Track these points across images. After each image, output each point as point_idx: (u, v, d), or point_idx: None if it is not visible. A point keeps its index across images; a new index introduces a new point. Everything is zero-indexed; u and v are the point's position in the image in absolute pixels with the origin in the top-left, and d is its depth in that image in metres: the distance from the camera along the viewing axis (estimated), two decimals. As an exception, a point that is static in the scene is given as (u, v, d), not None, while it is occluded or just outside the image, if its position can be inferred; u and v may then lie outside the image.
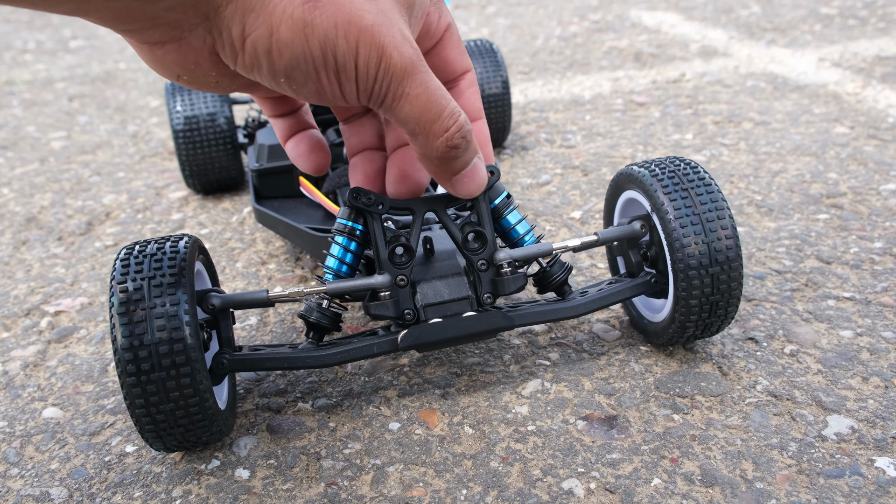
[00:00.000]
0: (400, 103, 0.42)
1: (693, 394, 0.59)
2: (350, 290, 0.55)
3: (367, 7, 0.39)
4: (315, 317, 0.56)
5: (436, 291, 0.56)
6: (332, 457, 0.55)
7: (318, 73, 0.39)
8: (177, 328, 0.49)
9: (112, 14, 0.36)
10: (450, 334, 0.55)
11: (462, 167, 0.47)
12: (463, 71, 0.50)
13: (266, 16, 0.37)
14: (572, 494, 0.50)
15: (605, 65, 1.52)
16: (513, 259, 0.56)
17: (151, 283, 0.50)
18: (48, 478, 0.56)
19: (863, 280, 0.72)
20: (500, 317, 0.56)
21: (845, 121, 1.12)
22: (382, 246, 0.54)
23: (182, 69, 0.40)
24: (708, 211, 0.55)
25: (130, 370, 0.49)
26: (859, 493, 0.48)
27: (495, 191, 0.57)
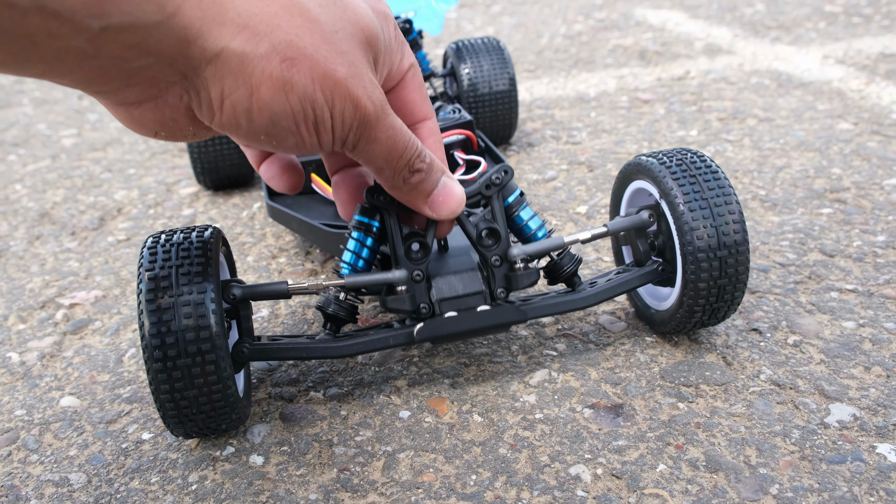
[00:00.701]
0: (370, 146, 0.45)
1: (697, 383, 0.60)
2: (368, 283, 0.56)
3: (339, 60, 0.40)
4: (332, 308, 0.57)
5: (450, 286, 0.58)
6: (344, 444, 0.57)
7: (298, 127, 0.41)
8: (203, 316, 0.50)
9: (87, 75, 0.36)
10: (464, 327, 0.56)
11: (431, 188, 0.50)
12: (422, 118, 0.52)
13: (245, 77, 0.38)
14: (580, 480, 0.51)
15: (610, 62, 1.53)
16: (526, 255, 0.57)
17: (179, 271, 0.51)
18: (67, 464, 0.57)
19: (865, 273, 0.73)
20: (513, 310, 0.57)
21: (849, 117, 1.13)
22: (399, 242, 0.56)
23: (160, 126, 0.41)
24: (715, 196, 0.57)
25: (157, 356, 0.50)
26: (861, 478, 0.49)
27: (509, 189, 0.58)
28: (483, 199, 0.57)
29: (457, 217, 0.54)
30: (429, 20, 1.07)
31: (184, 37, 0.36)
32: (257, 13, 0.38)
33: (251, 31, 0.37)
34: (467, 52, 1.06)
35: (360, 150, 0.45)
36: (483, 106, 1.04)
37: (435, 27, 1.06)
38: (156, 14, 0.34)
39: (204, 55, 0.37)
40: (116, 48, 0.35)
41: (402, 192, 0.50)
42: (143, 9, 0.34)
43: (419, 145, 0.47)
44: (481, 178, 0.57)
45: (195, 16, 0.36)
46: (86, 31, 0.33)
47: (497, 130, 1.07)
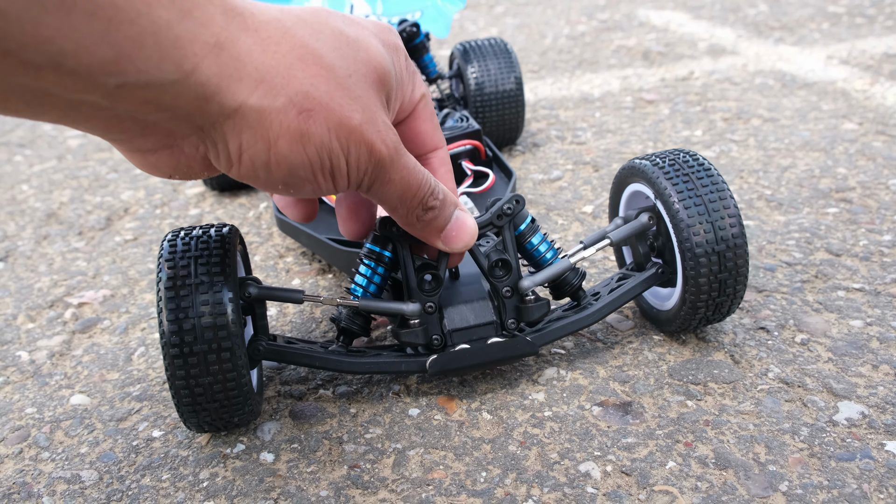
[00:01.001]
0: (385, 188, 0.45)
1: (706, 381, 0.60)
2: (381, 311, 0.57)
3: (354, 107, 0.41)
4: (346, 322, 0.58)
5: (462, 317, 0.58)
6: (354, 441, 0.57)
7: (315, 176, 0.42)
8: (220, 303, 0.51)
9: (102, 124, 0.36)
10: (476, 361, 0.57)
11: (444, 223, 0.51)
12: (433, 147, 0.52)
13: (263, 131, 0.38)
14: (589, 477, 0.52)
15: (613, 63, 1.53)
16: (536, 285, 0.58)
17: (199, 261, 0.52)
18: (78, 461, 0.58)
19: (872, 272, 0.73)
20: (524, 344, 0.58)
21: (854, 117, 1.13)
22: (412, 274, 0.57)
23: (174, 171, 0.42)
24: (710, 192, 0.57)
25: (174, 341, 0.51)
26: (870, 475, 0.50)
27: (520, 217, 0.59)
28: (494, 229, 0.58)
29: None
30: (435, 22, 1.07)
31: (202, 94, 0.36)
32: (274, 65, 0.38)
33: (268, 84, 0.38)
34: (474, 54, 1.06)
35: (375, 192, 0.45)
36: (490, 107, 1.04)
37: (442, 29, 1.06)
38: (173, 73, 0.34)
39: (222, 111, 0.37)
40: (132, 103, 0.35)
41: (415, 229, 0.50)
42: (160, 68, 0.34)
43: (432, 182, 0.48)
44: (493, 207, 0.58)
45: (213, 72, 0.36)
46: (101, 87, 0.33)
47: (504, 132, 1.07)
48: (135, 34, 0.32)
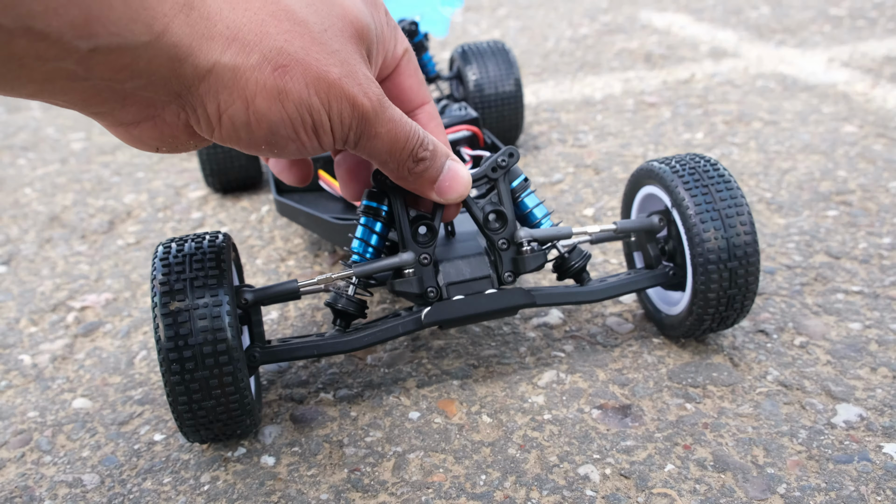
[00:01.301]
0: (372, 142, 0.44)
1: (705, 384, 0.60)
2: (376, 270, 0.56)
3: (331, 61, 0.40)
4: (342, 304, 0.57)
5: (458, 270, 0.57)
6: (355, 444, 0.57)
7: (297, 134, 0.41)
8: (220, 329, 0.50)
9: (80, 96, 0.36)
10: (472, 310, 0.56)
11: (437, 174, 0.50)
12: (421, 102, 0.51)
13: (240, 90, 0.38)
14: (588, 479, 0.52)
15: (615, 66, 1.53)
16: (532, 238, 0.57)
17: (194, 283, 0.51)
18: (80, 465, 0.58)
19: (871, 274, 0.73)
20: (521, 294, 0.57)
21: (854, 120, 1.13)
22: (406, 225, 0.56)
23: (159, 142, 0.41)
24: (727, 207, 0.57)
25: (175, 369, 0.50)
26: (867, 477, 0.50)
27: (513, 173, 0.58)
28: (489, 182, 0.58)
29: (464, 200, 0.54)
30: (434, 23, 1.07)
31: (174, 55, 0.36)
32: (245, 23, 0.37)
33: (240, 42, 0.37)
34: (473, 56, 1.06)
35: (362, 147, 0.45)
36: (489, 108, 1.04)
37: (441, 30, 1.07)
38: (144, 34, 0.34)
39: (196, 72, 0.37)
40: (107, 70, 0.34)
41: (407, 182, 0.49)
42: (130, 29, 0.33)
43: (421, 133, 0.47)
44: (487, 160, 0.57)
45: (184, 33, 0.35)
46: (74, 52, 0.33)
47: (503, 132, 1.08)
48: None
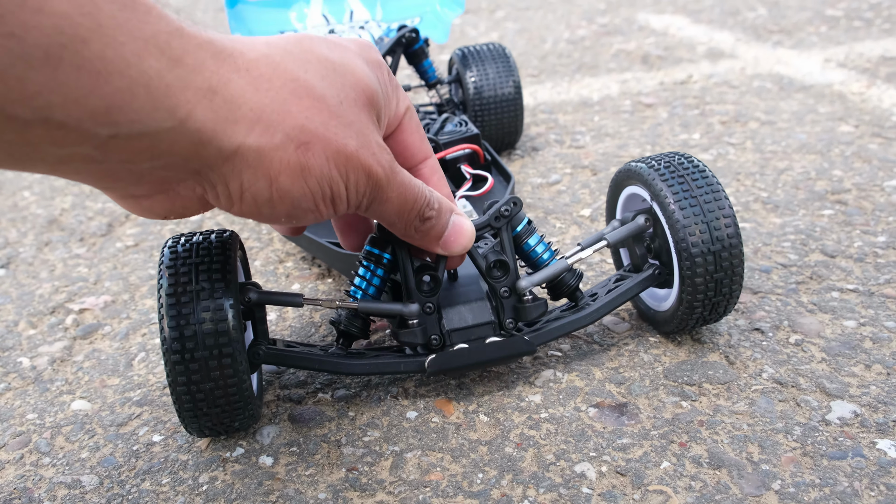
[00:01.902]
0: (383, 206, 0.46)
1: (701, 382, 0.60)
2: (379, 312, 0.58)
3: (347, 133, 0.41)
4: (345, 325, 0.59)
5: (460, 316, 0.59)
6: (353, 444, 0.58)
7: (316, 205, 0.42)
8: (221, 310, 0.51)
9: (95, 175, 0.36)
10: (474, 360, 0.58)
11: (442, 231, 0.52)
12: (423, 158, 0.53)
13: (264, 170, 0.38)
14: (585, 477, 0.52)
15: (613, 67, 1.54)
16: (533, 286, 0.58)
17: (199, 268, 0.53)
18: (79, 466, 0.58)
19: (866, 273, 0.74)
20: (521, 343, 0.59)
21: (850, 120, 1.13)
22: (410, 275, 0.57)
23: (169, 213, 0.42)
24: (705, 194, 0.58)
25: (175, 348, 0.51)
26: (861, 473, 0.50)
27: (517, 219, 0.60)
28: (492, 230, 0.59)
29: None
30: (434, 27, 1.08)
31: (198, 140, 0.36)
32: (268, 103, 0.38)
33: (264, 123, 0.38)
34: (472, 59, 1.07)
35: (373, 211, 0.46)
36: (489, 112, 1.05)
37: (441, 35, 1.07)
38: (167, 121, 0.34)
39: (221, 154, 0.37)
40: (126, 153, 0.34)
41: (414, 240, 0.51)
42: (153, 117, 0.33)
43: (427, 194, 0.49)
44: (491, 209, 0.59)
45: (207, 118, 0.35)
46: (93, 138, 0.32)
47: (503, 136, 1.08)
48: (125, 85, 0.32)
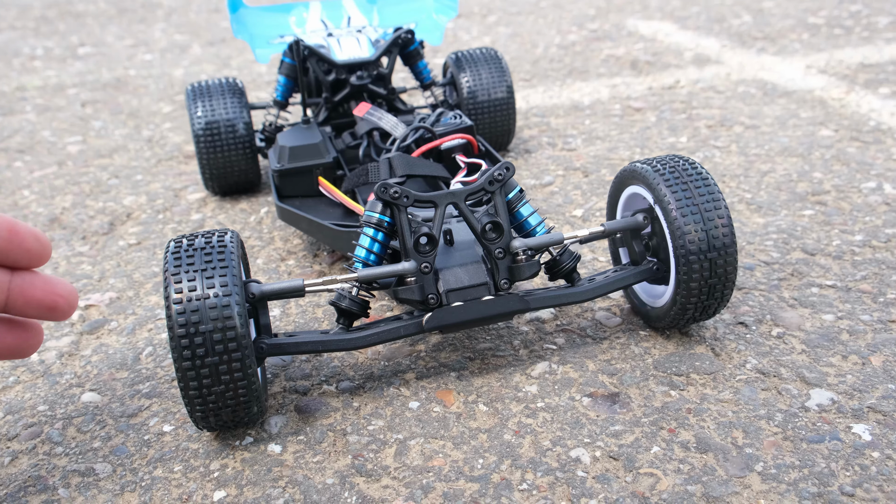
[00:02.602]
0: None
1: (688, 372, 0.64)
2: (379, 276, 0.60)
3: None
4: (346, 304, 0.61)
5: (457, 278, 0.61)
6: (358, 433, 0.60)
7: None
8: (229, 317, 0.53)
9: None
10: (471, 316, 0.60)
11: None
12: None
13: None
14: (580, 461, 0.55)
15: (603, 72, 1.57)
16: (527, 247, 0.61)
17: (204, 274, 0.54)
18: (91, 455, 0.60)
19: (844, 269, 0.77)
20: (516, 300, 0.61)
21: (830, 124, 1.17)
22: (408, 235, 0.60)
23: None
24: (706, 202, 0.61)
25: (186, 355, 0.53)
26: (838, 455, 0.53)
27: (509, 185, 0.62)
28: (486, 194, 0.61)
29: (462, 211, 0.58)
30: (430, 31, 1.11)
31: None
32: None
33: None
34: (467, 63, 1.10)
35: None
36: (482, 113, 1.08)
37: (436, 38, 1.10)
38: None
39: None
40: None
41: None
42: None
43: None
44: (484, 174, 0.61)
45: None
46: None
47: (496, 137, 1.11)
48: None
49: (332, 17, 1.13)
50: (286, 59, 1.02)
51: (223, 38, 2.17)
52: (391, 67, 1.02)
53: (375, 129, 0.91)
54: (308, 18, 1.13)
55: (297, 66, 0.99)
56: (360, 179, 0.82)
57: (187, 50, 2.06)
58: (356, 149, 0.93)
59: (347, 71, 1.00)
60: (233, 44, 2.10)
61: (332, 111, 1.02)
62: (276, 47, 1.06)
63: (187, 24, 2.39)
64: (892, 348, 0.64)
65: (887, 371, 0.62)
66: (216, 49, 2.05)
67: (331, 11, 1.15)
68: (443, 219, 0.61)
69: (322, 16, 1.14)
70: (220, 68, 1.85)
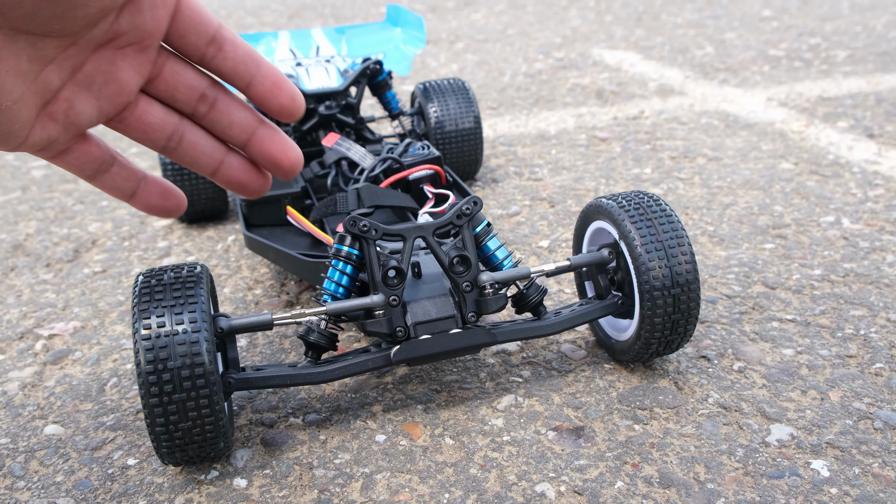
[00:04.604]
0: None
1: (652, 406, 0.65)
2: (348, 309, 0.60)
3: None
4: (314, 337, 0.61)
5: (424, 311, 0.62)
6: (324, 466, 0.60)
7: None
8: (197, 354, 0.53)
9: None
10: (439, 349, 0.60)
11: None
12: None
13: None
14: (544, 496, 0.56)
15: (569, 101, 1.60)
16: (494, 281, 0.62)
17: (172, 310, 0.54)
18: (54, 489, 0.60)
19: (803, 304, 0.79)
20: (484, 333, 0.62)
21: (790, 157, 1.20)
22: (377, 268, 0.60)
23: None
24: (670, 238, 0.62)
25: (154, 391, 0.52)
26: (797, 490, 0.55)
27: (477, 219, 0.63)
28: (454, 228, 0.62)
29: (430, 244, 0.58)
30: (398, 62, 1.12)
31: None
32: None
33: None
34: (434, 93, 1.11)
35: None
36: (450, 143, 1.09)
37: (404, 69, 1.11)
38: None
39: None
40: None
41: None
42: None
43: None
44: (452, 208, 0.62)
45: None
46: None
47: (463, 166, 1.12)
48: None
49: (300, 47, 1.14)
50: (255, 88, 1.02)
51: (192, 61, 2.17)
52: (360, 97, 1.03)
53: (343, 159, 0.91)
54: (277, 48, 1.14)
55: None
56: (328, 209, 0.83)
57: (155, 72, 2.05)
58: (324, 178, 0.93)
59: (316, 100, 1.00)
60: (202, 67, 2.10)
61: (300, 140, 1.02)
62: (245, 75, 1.06)
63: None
64: (850, 384, 0.66)
65: (845, 406, 0.63)
66: (185, 72, 2.05)
67: (299, 41, 1.15)
68: (411, 252, 0.61)
69: (291, 45, 1.15)
70: (189, 91, 1.84)
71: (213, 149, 0.50)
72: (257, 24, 2.76)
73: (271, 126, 0.48)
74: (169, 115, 0.43)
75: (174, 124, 0.43)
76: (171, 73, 0.42)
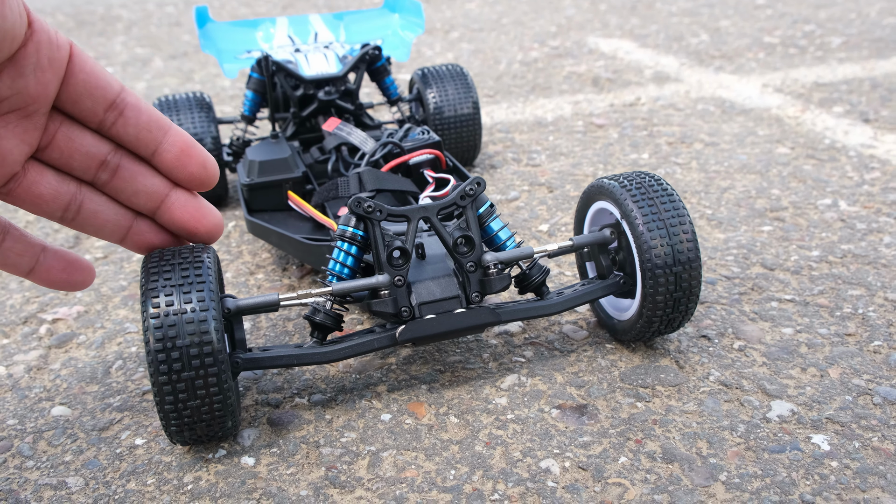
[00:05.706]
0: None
1: (654, 384, 0.66)
2: (353, 289, 0.61)
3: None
4: (320, 318, 0.62)
5: (429, 291, 0.62)
6: (330, 445, 0.61)
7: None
8: (206, 332, 0.53)
9: None
10: (443, 329, 0.61)
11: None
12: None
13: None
14: (549, 472, 0.56)
15: (565, 89, 1.60)
16: (498, 261, 0.63)
17: (181, 289, 0.54)
18: (63, 468, 0.60)
19: (802, 284, 0.80)
20: (487, 313, 0.62)
21: (787, 142, 1.21)
22: (382, 249, 0.61)
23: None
24: (671, 217, 0.63)
25: (162, 370, 0.53)
26: (798, 464, 0.56)
27: (480, 200, 0.64)
28: (458, 209, 0.63)
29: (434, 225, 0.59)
30: (396, 48, 1.12)
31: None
32: None
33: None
34: (433, 79, 1.11)
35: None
36: (448, 129, 1.09)
37: (402, 54, 1.11)
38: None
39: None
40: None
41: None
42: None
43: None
44: (455, 189, 0.62)
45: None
46: None
47: (462, 152, 1.13)
48: None
49: (298, 33, 1.14)
50: (254, 75, 1.02)
51: (185, 52, 2.16)
52: (358, 83, 1.03)
53: (344, 144, 0.92)
54: (275, 34, 1.14)
55: (265, 80, 1.00)
56: (329, 194, 0.83)
57: (149, 63, 2.05)
58: (325, 163, 0.94)
59: (315, 86, 1.00)
60: (195, 57, 2.10)
61: (299, 126, 1.03)
62: (243, 62, 1.07)
63: (148, 38, 2.38)
64: (849, 361, 0.67)
65: (844, 383, 0.64)
66: (178, 63, 2.04)
67: (298, 27, 1.16)
68: (415, 233, 0.62)
69: (289, 31, 1.15)
70: (184, 82, 1.84)
71: (119, 216, 0.47)
72: (251, 14, 2.76)
73: (184, 192, 0.45)
74: (64, 184, 0.40)
75: (70, 194, 0.40)
76: (66, 140, 0.39)
